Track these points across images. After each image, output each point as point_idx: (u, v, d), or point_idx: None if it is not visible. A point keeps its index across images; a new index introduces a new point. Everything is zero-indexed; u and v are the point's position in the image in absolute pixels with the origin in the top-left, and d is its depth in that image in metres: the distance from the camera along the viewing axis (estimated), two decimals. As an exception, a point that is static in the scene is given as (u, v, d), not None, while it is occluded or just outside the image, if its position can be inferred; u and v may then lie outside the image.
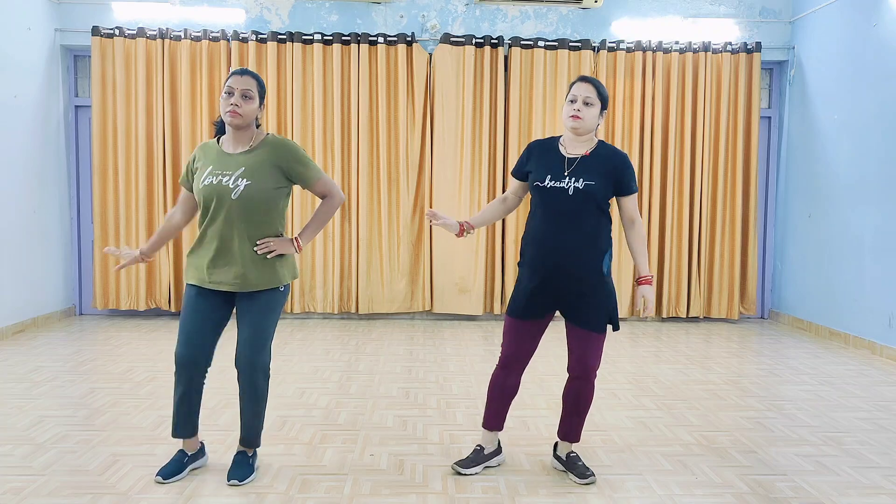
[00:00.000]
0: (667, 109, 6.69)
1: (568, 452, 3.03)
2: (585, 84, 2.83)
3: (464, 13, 6.68)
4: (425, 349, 5.46)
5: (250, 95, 2.79)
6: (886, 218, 5.39)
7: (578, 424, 3.00)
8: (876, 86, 5.54)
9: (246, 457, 2.95)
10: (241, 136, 2.86)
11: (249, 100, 2.79)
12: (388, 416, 3.75)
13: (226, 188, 2.76)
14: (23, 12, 5.96)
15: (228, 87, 2.77)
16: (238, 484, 2.83)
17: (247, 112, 2.78)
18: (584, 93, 2.82)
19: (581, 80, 2.86)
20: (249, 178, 2.77)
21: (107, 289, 6.58)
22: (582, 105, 2.81)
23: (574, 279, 2.82)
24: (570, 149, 2.89)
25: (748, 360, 5.26)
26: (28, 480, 2.86)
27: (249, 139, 2.87)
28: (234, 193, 2.76)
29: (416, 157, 6.64)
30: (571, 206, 2.78)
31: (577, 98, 2.83)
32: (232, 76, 2.80)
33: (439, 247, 6.65)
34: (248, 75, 2.81)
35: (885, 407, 4.07)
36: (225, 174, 2.78)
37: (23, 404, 3.88)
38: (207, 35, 6.44)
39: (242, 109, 2.77)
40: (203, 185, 2.80)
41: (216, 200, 2.78)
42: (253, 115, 2.82)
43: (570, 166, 2.82)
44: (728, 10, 6.78)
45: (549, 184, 2.81)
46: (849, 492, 2.87)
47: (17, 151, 5.89)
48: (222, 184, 2.77)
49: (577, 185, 2.78)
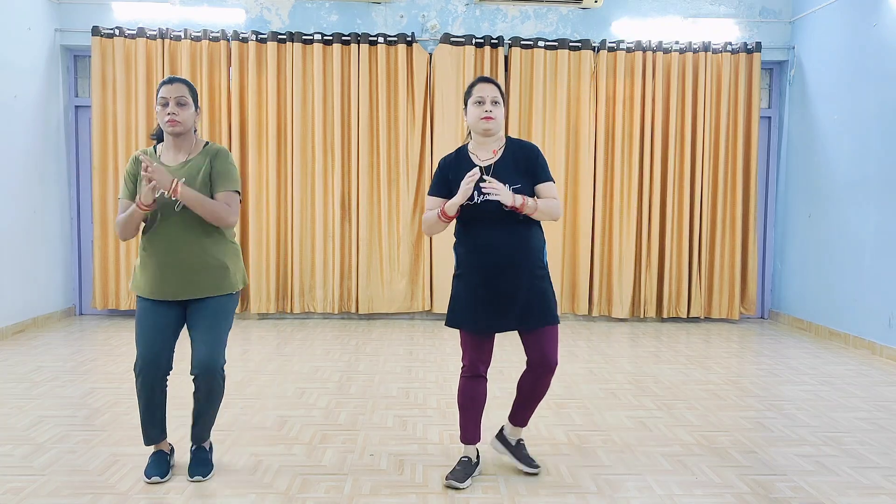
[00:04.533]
0: (667, 109, 6.69)
1: (518, 439, 3.08)
2: (489, 84, 2.83)
3: (464, 13, 6.68)
4: (425, 349, 5.46)
5: (184, 102, 2.80)
6: (886, 218, 5.39)
7: (532, 412, 3.05)
8: (876, 86, 5.54)
9: (205, 451, 3.00)
10: (181, 143, 2.87)
11: (185, 106, 2.80)
12: (388, 416, 3.75)
13: (168, 202, 2.77)
14: (23, 12, 5.96)
15: (161, 97, 2.79)
16: (202, 479, 2.87)
17: (185, 118, 2.81)
18: (491, 93, 2.81)
19: (483, 80, 2.85)
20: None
21: (107, 289, 6.58)
22: (491, 105, 2.80)
23: (519, 279, 2.81)
24: (482, 154, 2.88)
25: (748, 360, 5.26)
26: (28, 480, 2.87)
27: (189, 147, 2.88)
28: (178, 206, 2.77)
29: (416, 157, 6.64)
30: (504, 212, 2.78)
31: (484, 99, 2.80)
32: (162, 86, 2.80)
33: (439, 247, 6.65)
34: (177, 82, 2.81)
35: (885, 407, 4.07)
36: None
37: (23, 404, 3.88)
38: (207, 35, 6.44)
39: (180, 117, 2.79)
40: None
41: (160, 213, 2.79)
42: (191, 120, 2.84)
43: (490, 174, 2.81)
44: (728, 10, 6.78)
45: (478, 199, 2.79)
46: (849, 492, 2.86)
47: (17, 151, 5.89)
48: (164, 196, 2.75)
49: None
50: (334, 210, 6.58)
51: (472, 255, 2.88)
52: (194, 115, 2.85)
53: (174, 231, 2.80)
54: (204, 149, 2.90)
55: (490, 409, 3.91)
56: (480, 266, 2.84)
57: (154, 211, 2.78)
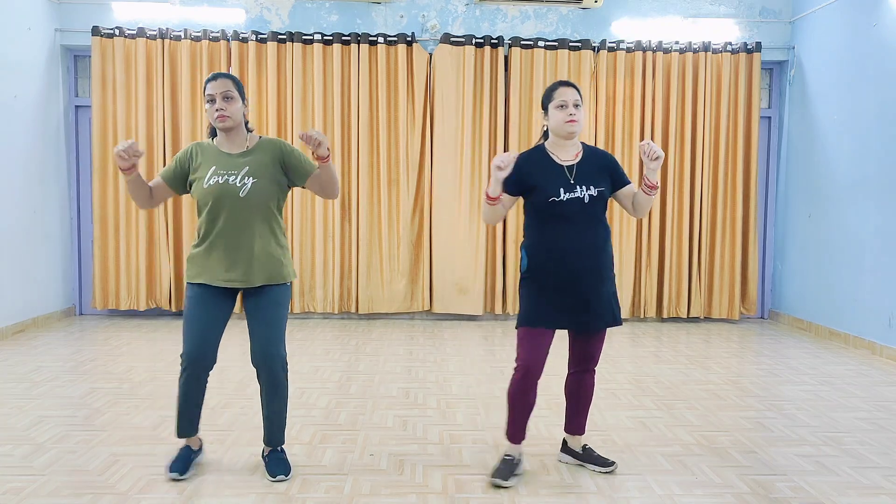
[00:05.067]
0: (667, 109, 6.69)
1: (583, 445, 3.10)
2: (570, 88, 2.89)
3: (464, 13, 6.68)
4: (425, 349, 5.46)
5: (230, 96, 2.83)
6: (886, 218, 5.39)
7: (586, 415, 3.10)
8: (876, 86, 5.54)
9: (279, 453, 2.99)
10: (234, 137, 2.90)
11: (232, 100, 2.83)
12: (388, 416, 3.75)
13: (233, 187, 2.80)
14: (23, 12, 5.96)
15: (208, 94, 2.82)
16: (285, 479, 2.88)
17: (233, 112, 2.83)
18: (573, 97, 2.87)
19: (564, 84, 2.91)
20: (255, 176, 2.83)
21: (107, 289, 6.58)
22: (574, 108, 2.86)
23: (595, 279, 2.86)
24: (562, 155, 2.92)
25: (748, 360, 5.26)
26: (28, 480, 2.86)
27: (243, 139, 2.91)
28: (242, 192, 2.81)
29: (416, 157, 6.64)
30: (587, 212, 2.84)
31: (567, 103, 2.86)
32: (207, 83, 2.83)
33: (439, 247, 6.65)
34: (222, 78, 2.85)
35: (885, 407, 4.07)
36: (231, 174, 2.82)
37: (23, 404, 3.88)
38: (207, 35, 6.44)
39: (229, 111, 2.82)
40: (209, 184, 2.82)
41: (223, 200, 2.81)
42: (239, 113, 2.87)
43: (573, 174, 2.87)
44: (728, 10, 6.78)
45: (565, 196, 2.82)
46: (849, 492, 2.86)
47: (17, 151, 5.89)
48: (229, 183, 2.80)
49: (591, 192, 2.85)
50: (334, 210, 6.58)
51: (549, 254, 2.87)
52: (242, 108, 2.88)
53: (236, 216, 2.82)
54: (261, 141, 2.93)
55: (490, 408, 3.92)
56: (558, 265, 2.85)
57: (216, 197, 2.80)
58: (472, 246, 6.62)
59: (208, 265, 2.86)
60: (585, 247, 2.85)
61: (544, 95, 2.96)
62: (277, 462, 2.94)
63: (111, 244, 6.55)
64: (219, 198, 2.81)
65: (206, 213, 2.86)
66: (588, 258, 2.85)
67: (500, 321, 6.76)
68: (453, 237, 6.63)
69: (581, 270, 2.84)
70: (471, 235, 6.62)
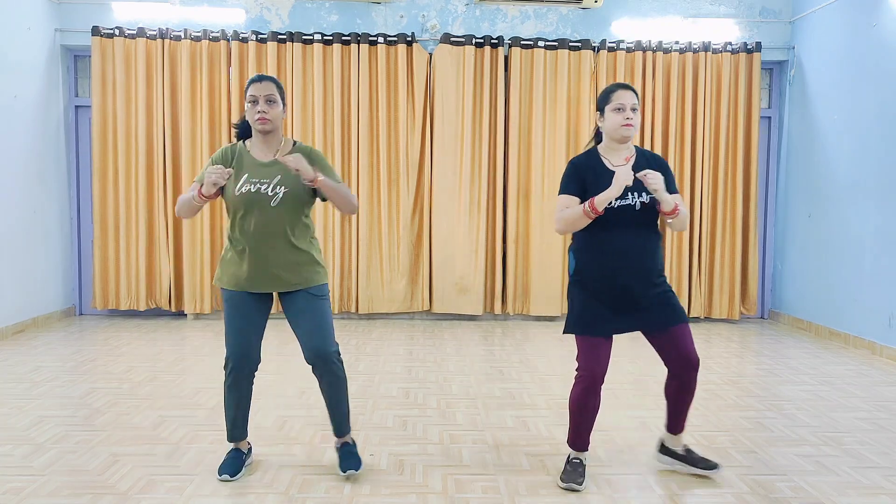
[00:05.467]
0: (667, 109, 6.69)
1: (683, 446, 3.04)
2: (629, 91, 2.84)
3: (464, 13, 6.68)
4: (425, 349, 5.46)
5: (273, 100, 2.83)
6: (886, 218, 5.39)
7: (686, 415, 3.02)
8: (876, 86, 5.54)
9: (350, 446, 3.02)
10: (270, 140, 2.89)
11: (274, 104, 2.83)
12: (388, 416, 3.75)
13: (265, 196, 2.81)
14: (23, 12, 5.96)
15: (251, 95, 2.81)
16: (355, 473, 2.90)
17: (274, 116, 2.84)
18: (631, 100, 2.83)
19: (622, 87, 2.86)
20: (287, 185, 2.83)
21: (107, 289, 6.58)
22: (631, 112, 2.82)
23: (645, 285, 2.83)
24: (615, 160, 2.88)
25: (748, 360, 5.26)
26: (28, 480, 2.86)
27: (278, 145, 2.90)
28: (274, 201, 2.82)
29: (416, 157, 6.64)
30: (639, 219, 2.82)
31: (624, 106, 2.82)
32: (251, 84, 2.83)
33: (439, 247, 6.65)
34: (266, 80, 2.84)
35: (885, 407, 4.07)
36: (263, 182, 2.82)
37: (23, 404, 3.88)
38: (207, 35, 6.44)
39: (270, 114, 2.82)
40: (240, 192, 2.82)
41: (254, 208, 2.82)
42: (280, 118, 2.87)
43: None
44: (728, 10, 6.78)
45: (616, 203, 2.78)
46: (849, 492, 2.86)
47: (17, 151, 5.89)
48: (261, 192, 2.81)
49: (643, 199, 2.81)
50: (334, 210, 6.58)
51: (600, 260, 2.85)
52: (282, 113, 2.88)
53: (268, 225, 2.83)
54: (294, 148, 2.92)
55: (490, 408, 3.92)
56: (605, 270, 2.83)
57: (248, 205, 2.81)
58: (472, 246, 6.63)
59: (241, 273, 2.86)
60: (634, 253, 2.82)
61: (601, 97, 2.91)
62: (348, 456, 2.97)
63: (111, 244, 6.55)
64: (250, 206, 2.82)
65: (237, 219, 2.86)
66: (636, 263, 2.82)
67: (499, 321, 6.77)
68: (453, 237, 6.63)
69: (628, 276, 2.81)
70: (470, 235, 6.62)
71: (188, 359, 5.04)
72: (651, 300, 2.85)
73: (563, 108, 6.60)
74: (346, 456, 2.98)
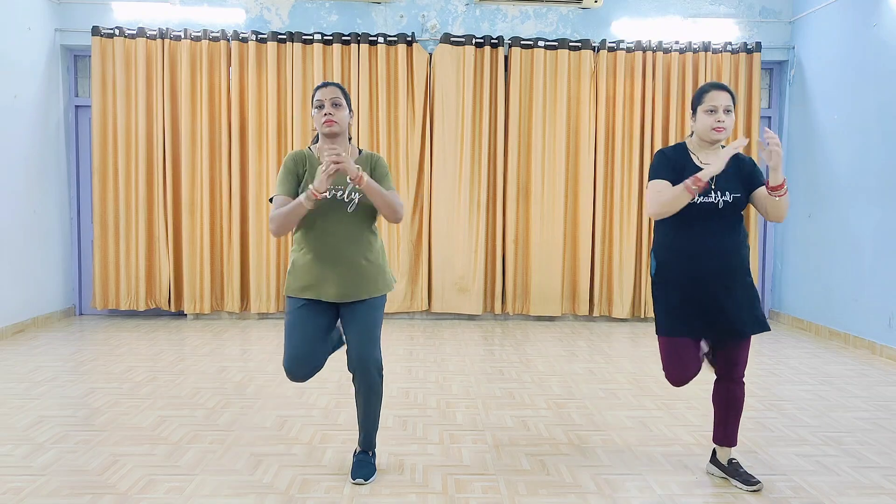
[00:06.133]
0: (667, 109, 6.69)
1: (729, 459, 2.97)
2: (724, 93, 2.79)
3: (464, 13, 6.68)
4: (425, 349, 5.46)
5: (339, 103, 2.84)
6: (886, 218, 5.39)
7: (735, 426, 2.96)
8: (876, 86, 5.54)
9: (367, 456, 3.01)
10: (337, 145, 2.87)
11: (340, 107, 2.84)
12: (389, 416, 3.75)
13: (341, 202, 2.81)
14: (23, 12, 5.96)
15: (317, 100, 2.83)
16: (364, 482, 2.87)
17: (341, 119, 2.84)
18: (725, 102, 2.78)
19: (717, 87, 2.81)
20: (360, 191, 2.81)
21: (106, 289, 6.58)
22: (724, 114, 2.78)
23: (727, 283, 2.81)
24: (703, 158, 2.85)
25: (748, 360, 5.25)
26: (28, 480, 2.86)
27: (345, 150, 2.85)
28: (350, 207, 2.82)
29: (416, 157, 6.64)
30: (722, 219, 2.80)
31: (717, 108, 2.77)
32: (317, 90, 2.85)
33: (439, 246, 6.65)
34: (331, 86, 2.86)
35: (885, 407, 4.07)
36: (338, 188, 2.82)
37: (23, 404, 3.88)
38: (207, 35, 6.44)
39: (336, 117, 2.82)
40: None
41: (330, 215, 2.81)
42: (346, 121, 2.87)
43: (712, 179, 2.78)
44: (728, 10, 6.78)
45: (698, 199, 2.76)
46: (849, 492, 2.87)
47: (17, 151, 5.89)
48: (337, 198, 2.81)
49: (726, 198, 2.79)
50: (334, 210, 6.57)
51: (677, 257, 2.83)
52: (348, 116, 2.89)
53: (343, 232, 2.82)
54: (361, 155, 2.93)
55: (490, 408, 3.92)
56: (685, 268, 2.81)
57: (324, 212, 2.80)
58: (472, 245, 6.63)
59: (314, 281, 2.84)
60: (716, 251, 2.79)
61: (695, 97, 2.85)
62: (361, 465, 2.94)
63: (111, 244, 6.55)
64: (326, 213, 2.81)
65: (311, 226, 2.84)
66: (717, 261, 2.78)
67: (499, 321, 6.77)
68: (453, 237, 6.63)
69: (709, 274, 2.77)
70: (470, 235, 6.62)
71: (188, 359, 5.04)
72: (735, 304, 2.79)
73: (562, 108, 6.60)
74: (358, 464, 2.95)
